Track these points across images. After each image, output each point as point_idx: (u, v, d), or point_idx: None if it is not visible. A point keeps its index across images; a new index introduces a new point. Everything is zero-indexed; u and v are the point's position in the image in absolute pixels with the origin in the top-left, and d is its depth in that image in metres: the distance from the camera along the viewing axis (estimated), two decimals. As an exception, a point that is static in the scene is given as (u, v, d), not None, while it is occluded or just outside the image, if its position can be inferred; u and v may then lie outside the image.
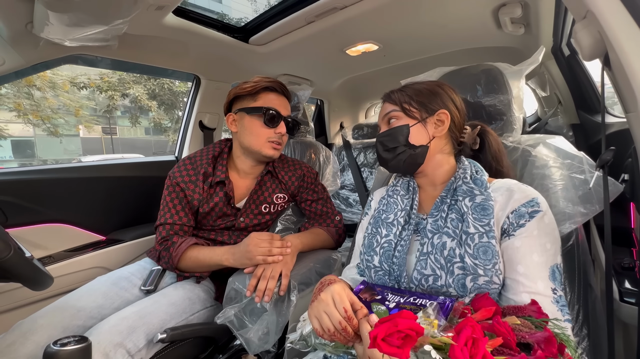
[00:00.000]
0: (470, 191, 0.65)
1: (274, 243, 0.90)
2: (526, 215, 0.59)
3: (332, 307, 0.54)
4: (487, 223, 0.60)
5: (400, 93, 0.74)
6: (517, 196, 0.61)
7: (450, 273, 0.60)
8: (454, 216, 0.65)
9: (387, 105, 0.76)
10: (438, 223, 0.66)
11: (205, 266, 0.96)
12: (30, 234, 1.16)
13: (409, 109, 0.72)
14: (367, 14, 1.20)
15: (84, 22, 0.90)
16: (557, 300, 0.55)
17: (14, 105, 8.71)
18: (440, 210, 0.67)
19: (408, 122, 0.72)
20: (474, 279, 0.58)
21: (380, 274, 0.69)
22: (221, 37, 1.36)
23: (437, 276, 0.61)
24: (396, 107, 0.73)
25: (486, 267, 0.58)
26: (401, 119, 0.73)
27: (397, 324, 0.40)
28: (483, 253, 0.58)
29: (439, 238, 0.64)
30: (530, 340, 0.42)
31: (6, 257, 0.63)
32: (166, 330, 0.82)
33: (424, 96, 0.73)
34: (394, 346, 0.38)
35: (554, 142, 0.80)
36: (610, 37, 0.50)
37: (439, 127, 0.72)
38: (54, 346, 0.58)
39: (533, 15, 1.19)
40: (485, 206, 0.62)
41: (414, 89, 0.74)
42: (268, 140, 1.03)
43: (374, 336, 0.40)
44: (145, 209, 1.48)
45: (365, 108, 2.80)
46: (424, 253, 0.64)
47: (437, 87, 0.74)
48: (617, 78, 0.55)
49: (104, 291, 0.93)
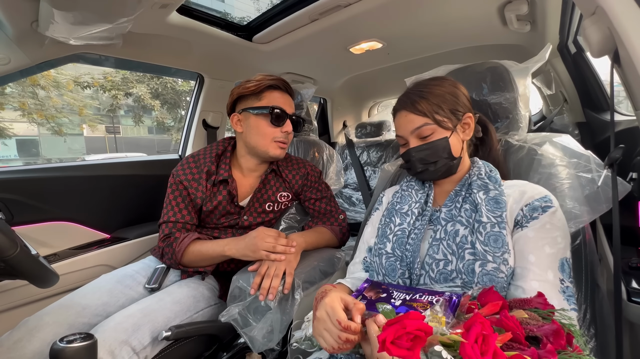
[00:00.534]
0: (484, 186, 0.68)
1: (280, 241, 0.90)
2: (539, 209, 0.61)
3: (329, 323, 0.54)
4: (499, 214, 0.63)
5: (427, 103, 0.70)
6: (531, 193, 0.64)
7: (460, 258, 0.62)
8: (467, 207, 0.67)
9: (414, 117, 0.71)
10: (452, 212, 0.68)
11: (209, 258, 0.96)
12: (36, 232, 1.17)
13: (442, 120, 0.70)
14: (371, 11, 1.19)
15: (88, 21, 0.90)
16: (563, 290, 0.57)
17: (19, 104, 8.77)
18: (454, 201, 0.70)
19: (444, 134, 0.70)
20: (482, 265, 0.59)
21: (392, 260, 0.70)
22: (225, 35, 1.36)
23: (447, 261, 0.63)
24: (428, 120, 0.70)
25: (495, 254, 0.59)
26: (435, 132, 0.70)
27: (405, 326, 0.39)
28: (494, 241, 0.61)
29: (452, 226, 0.66)
30: (538, 333, 0.42)
31: (12, 255, 0.63)
32: (171, 328, 0.82)
33: (449, 102, 0.71)
34: (403, 348, 0.38)
35: (560, 140, 0.79)
36: (620, 33, 0.50)
37: (465, 130, 0.73)
38: (60, 343, 0.58)
39: (539, 12, 1.17)
40: (499, 200, 0.64)
41: (437, 95, 0.71)
42: (274, 139, 1.03)
43: (383, 340, 0.39)
44: (149, 207, 1.48)
45: (368, 106, 2.80)
46: (436, 239, 0.67)
47: (454, 88, 0.73)
48: (626, 74, 0.54)
49: (108, 289, 0.94)
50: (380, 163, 2.11)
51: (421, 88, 0.73)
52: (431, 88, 0.73)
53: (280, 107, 1.01)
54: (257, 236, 0.89)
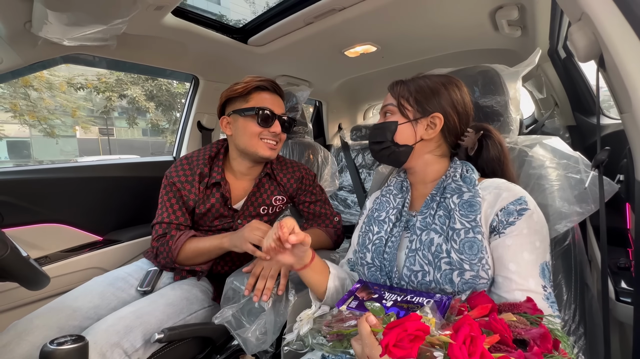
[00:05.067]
0: (458, 189, 0.66)
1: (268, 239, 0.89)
2: (515, 213, 0.60)
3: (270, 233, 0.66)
4: (473, 219, 0.61)
5: (403, 87, 0.73)
6: (505, 194, 0.62)
7: (437, 268, 0.61)
8: (441, 213, 0.66)
9: (389, 96, 0.76)
10: (427, 220, 0.67)
11: (206, 252, 0.95)
12: (27, 234, 1.16)
13: (403, 106, 0.72)
14: (365, 15, 1.21)
15: (83, 22, 0.90)
16: (547, 297, 0.57)
17: (10, 105, 8.65)
18: (429, 207, 0.68)
19: (398, 119, 0.72)
20: (460, 274, 0.59)
21: (373, 270, 0.70)
22: (220, 37, 1.36)
23: (425, 272, 0.62)
24: (394, 101, 0.73)
25: (472, 262, 0.58)
26: (394, 115, 0.73)
27: (406, 329, 0.40)
28: (469, 248, 0.59)
29: (427, 234, 0.65)
30: (526, 336, 0.43)
31: (3, 256, 0.62)
32: (163, 330, 0.82)
33: (423, 94, 0.71)
34: (406, 349, 0.39)
35: (550, 142, 0.80)
36: (604, 38, 0.51)
37: (429, 129, 0.71)
38: (50, 345, 0.58)
39: (529, 18, 1.20)
40: (473, 202, 0.63)
41: (418, 84, 0.73)
42: (263, 140, 1.01)
43: (386, 345, 0.40)
44: (142, 209, 1.47)
45: (363, 109, 2.81)
46: (412, 250, 0.65)
47: (441, 86, 0.71)
48: (611, 79, 0.56)
49: (100, 291, 0.93)
50: (375, 166, 2.12)
51: (415, 77, 0.76)
52: (421, 79, 0.74)
53: (267, 108, 1.00)
54: (247, 227, 0.88)
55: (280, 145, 1.07)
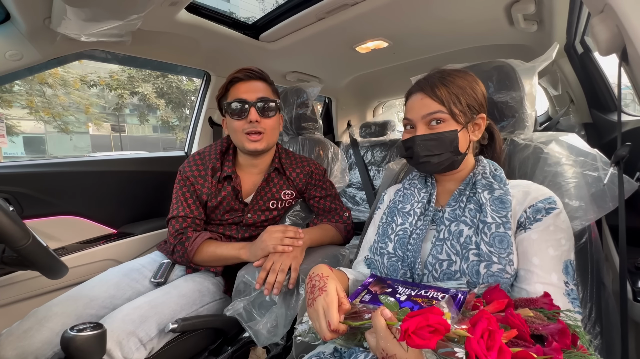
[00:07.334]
0: (489, 186, 0.67)
1: (287, 233, 0.92)
2: (543, 211, 0.61)
3: (322, 320, 0.56)
4: (504, 214, 0.62)
5: (447, 91, 0.67)
6: (535, 194, 0.63)
7: (465, 259, 0.61)
8: (472, 207, 0.66)
9: (430, 101, 0.68)
10: (456, 212, 0.67)
11: (222, 259, 0.97)
12: (44, 226, 1.19)
13: (456, 113, 0.67)
14: (377, 10, 1.20)
15: (100, 17, 0.92)
16: (568, 293, 0.57)
17: (26, 102, 8.88)
18: (458, 201, 0.69)
19: (455, 127, 0.67)
20: (487, 266, 0.59)
21: (393, 260, 0.70)
22: (232, 33, 1.37)
23: (451, 261, 0.63)
24: (443, 109, 0.67)
25: (501, 255, 0.59)
26: (447, 122, 0.67)
27: (428, 319, 0.40)
28: (499, 242, 0.60)
29: (456, 226, 0.65)
30: (543, 332, 0.43)
31: (25, 244, 0.64)
32: (177, 320, 0.84)
33: (468, 97, 0.68)
34: (425, 339, 0.39)
35: (566, 139, 0.79)
36: (629, 30, 0.50)
37: (475, 131, 0.71)
38: (70, 331, 0.60)
39: (546, 12, 1.17)
40: (504, 199, 0.64)
41: (458, 86, 0.68)
42: (244, 132, 0.99)
43: (405, 330, 0.40)
44: (155, 203, 1.50)
45: (373, 106, 2.80)
46: (440, 239, 0.66)
47: (476, 84, 0.70)
48: (634, 73, 0.54)
49: (116, 281, 0.95)
50: (384, 163, 2.11)
51: (444, 75, 0.70)
52: (454, 77, 0.69)
53: (238, 98, 0.98)
54: (265, 233, 0.93)
55: (268, 134, 1.01)
